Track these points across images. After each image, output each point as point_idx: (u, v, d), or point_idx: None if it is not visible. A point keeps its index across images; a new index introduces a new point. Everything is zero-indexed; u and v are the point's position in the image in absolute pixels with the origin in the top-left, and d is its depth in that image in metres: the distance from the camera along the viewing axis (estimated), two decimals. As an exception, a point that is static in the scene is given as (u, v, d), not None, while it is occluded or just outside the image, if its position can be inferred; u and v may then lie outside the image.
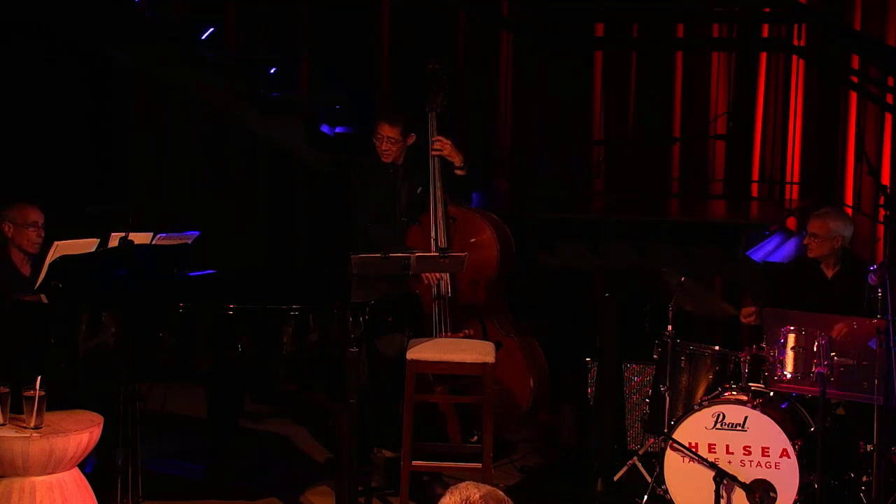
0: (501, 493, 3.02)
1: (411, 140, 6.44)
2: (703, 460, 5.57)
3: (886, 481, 5.46)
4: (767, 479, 5.49)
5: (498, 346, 6.00)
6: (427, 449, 5.90)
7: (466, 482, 3.02)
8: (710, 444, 5.59)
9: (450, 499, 2.97)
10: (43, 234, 6.11)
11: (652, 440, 6.17)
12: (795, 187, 7.71)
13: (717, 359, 5.98)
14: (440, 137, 6.40)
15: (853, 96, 7.70)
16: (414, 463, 5.74)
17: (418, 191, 6.47)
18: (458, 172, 6.43)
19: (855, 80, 7.69)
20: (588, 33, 8.19)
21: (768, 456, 5.52)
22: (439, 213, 6.42)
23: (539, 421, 6.96)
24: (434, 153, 6.40)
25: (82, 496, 5.07)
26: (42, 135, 8.06)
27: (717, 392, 5.81)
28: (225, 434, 6.58)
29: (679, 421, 5.67)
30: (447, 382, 6.23)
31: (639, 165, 8.07)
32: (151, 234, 5.86)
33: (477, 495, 2.97)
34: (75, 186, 7.99)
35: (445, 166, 6.45)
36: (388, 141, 6.38)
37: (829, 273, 6.06)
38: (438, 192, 6.43)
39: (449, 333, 6.36)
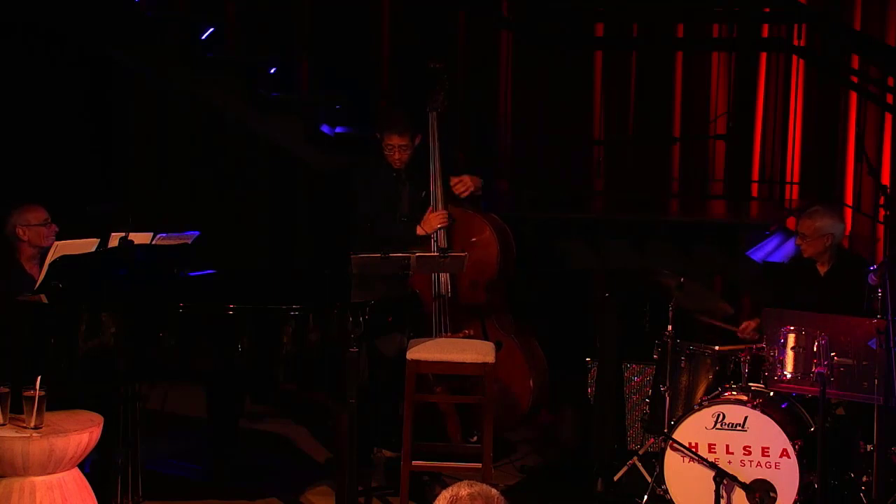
0: (495, 491, 3.01)
1: (418, 140, 6.43)
2: (703, 460, 5.57)
3: (886, 481, 5.46)
4: (767, 479, 5.49)
5: (498, 346, 6.00)
6: (427, 449, 5.90)
7: (462, 481, 3.03)
8: (710, 444, 5.59)
9: (441, 496, 2.99)
10: (56, 228, 6.14)
11: (652, 440, 6.17)
12: (795, 187, 7.71)
13: (717, 359, 5.98)
14: (462, 178, 6.43)
15: (853, 96, 7.70)
16: (414, 463, 5.74)
17: (422, 195, 6.46)
18: (477, 194, 6.52)
19: (855, 80, 7.69)
20: (588, 33, 8.19)
21: (768, 456, 5.52)
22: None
23: (539, 421, 6.96)
24: (462, 195, 6.42)
25: (82, 496, 5.07)
26: (42, 135, 8.05)
27: (717, 392, 5.81)
28: (225, 434, 6.57)
29: (679, 421, 5.67)
30: (447, 382, 6.23)
31: (639, 165, 8.07)
32: (151, 234, 5.86)
33: (465, 492, 2.97)
34: (75, 186, 7.98)
35: (446, 167, 6.45)
36: (400, 149, 6.38)
37: (823, 270, 6.08)
38: (439, 193, 6.43)
39: (449, 334, 6.36)
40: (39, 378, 4.97)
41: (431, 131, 6.44)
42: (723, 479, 5.48)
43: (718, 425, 5.59)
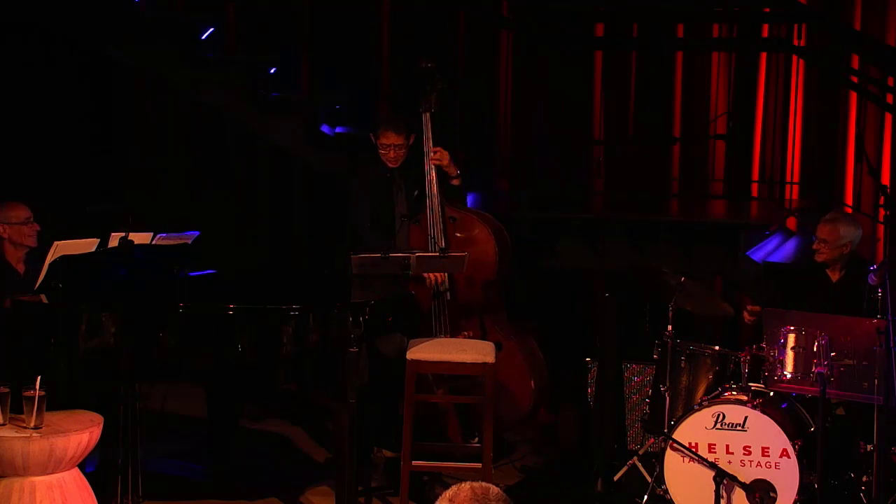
0: (496, 489, 3.01)
1: (412, 139, 6.43)
2: (703, 460, 5.57)
3: (886, 481, 5.46)
4: (767, 479, 5.49)
5: (498, 346, 6.00)
6: (427, 449, 5.90)
7: (464, 482, 3.03)
8: (710, 444, 5.59)
9: (443, 496, 2.99)
10: (37, 227, 6.11)
11: (652, 440, 6.17)
12: (795, 187, 7.71)
13: (717, 359, 5.98)
14: (439, 148, 6.38)
15: (853, 96, 7.70)
16: (414, 463, 5.74)
17: (415, 194, 6.45)
18: (454, 182, 6.44)
19: (855, 80, 7.68)
20: (588, 33, 8.19)
21: (768, 456, 5.52)
22: (436, 214, 6.41)
23: (539, 421, 6.96)
24: (433, 162, 6.38)
25: (82, 496, 5.07)
26: (42, 135, 8.06)
27: (717, 392, 5.81)
28: (225, 434, 6.57)
29: (679, 421, 5.67)
30: (447, 383, 6.22)
31: (639, 165, 8.07)
32: (151, 234, 5.86)
33: (466, 487, 2.97)
34: (75, 186, 7.99)
35: (441, 170, 6.45)
36: (395, 148, 6.36)
37: (835, 277, 6.05)
38: (435, 193, 6.42)
39: (448, 335, 6.36)
40: (39, 378, 4.97)
41: (426, 132, 6.43)
42: (723, 479, 5.48)
43: (718, 425, 5.59)
